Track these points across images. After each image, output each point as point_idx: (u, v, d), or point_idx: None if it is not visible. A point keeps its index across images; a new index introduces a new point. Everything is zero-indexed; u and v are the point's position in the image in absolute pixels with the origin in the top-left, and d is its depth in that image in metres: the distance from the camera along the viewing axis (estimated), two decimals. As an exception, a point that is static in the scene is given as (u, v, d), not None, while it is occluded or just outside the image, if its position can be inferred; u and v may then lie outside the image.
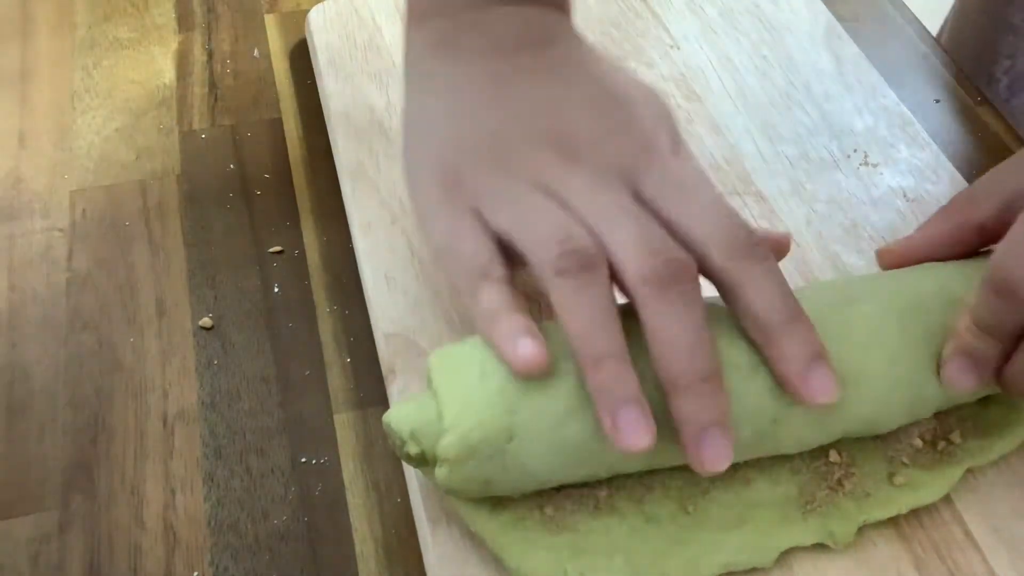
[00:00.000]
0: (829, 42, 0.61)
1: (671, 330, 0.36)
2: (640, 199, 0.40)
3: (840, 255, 0.49)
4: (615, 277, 0.38)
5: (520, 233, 0.39)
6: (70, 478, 0.45)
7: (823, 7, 0.63)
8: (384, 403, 0.45)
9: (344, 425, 0.46)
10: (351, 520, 0.43)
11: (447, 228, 0.42)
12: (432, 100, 0.46)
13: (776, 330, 0.37)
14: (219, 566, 0.42)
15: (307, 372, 0.48)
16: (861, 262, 0.49)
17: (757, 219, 0.51)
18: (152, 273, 0.52)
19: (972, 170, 0.53)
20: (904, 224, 0.51)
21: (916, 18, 0.64)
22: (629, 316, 0.37)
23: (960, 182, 0.52)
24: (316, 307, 0.51)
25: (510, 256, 0.40)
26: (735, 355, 0.38)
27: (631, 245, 0.37)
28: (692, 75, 0.59)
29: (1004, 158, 0.54)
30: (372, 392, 0.47)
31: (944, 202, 0.51)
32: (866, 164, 0.54)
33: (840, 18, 0.62)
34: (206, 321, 0.50)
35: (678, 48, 0.61)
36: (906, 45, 0.62)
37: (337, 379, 0.48)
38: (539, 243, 0.38)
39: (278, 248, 0.53)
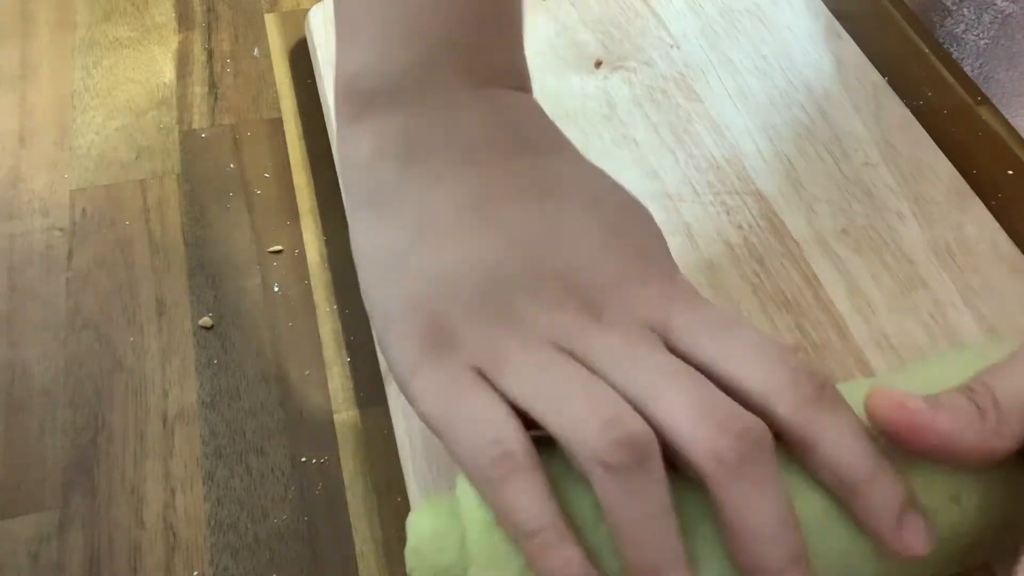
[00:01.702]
0: (829, 42, 0.61)
1: (754, 516, 0.31)
2: (675, 351, 0.34)
3: (841, 256, 0.49)
4: (670, 451, 0.32)
5: (548, 409, 0.32)
6: (70, 478, 0.45)
7: (823, 7, 0.63)
8: (384, 403, 0.45)
9: (344, 425, 0.46)
10: (351, 520, 0.43)
11: (442, 393, 0.34)
12: (396, 224, 0.38)
13: (861, 484, 0.32)
14: (219, 566, 0.42)
15: (307, 372, 0.48)
16: (861, 262, 0.49)
17: (757, 219, 0.51)
18: (152, 273, 0.52)
19: (972, 170, 0.53)
20: (904, 225, 0.51)
21: (916, 17, 0.64)
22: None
23: (960, 182, 0.52)
24: (316, 306, 0.51)
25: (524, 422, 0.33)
26: (806, 508, 0.33)
27: (692, 416, 0.31)
28: (692, 75, 0.59)
29: (1004, 158, 0.54)
30: (372, 392, 0.47)
31: (944, 203, 0.51)
32: (866, 164, 0.54)
33: (840, 18, 0.62)
34: (206, 320, 0.50)
35: (678, 48, 0.61)
36: (906, 45, 0.62)
37: (337, 379, 0.48)
38: (577, 426, 0.31)
39: (278, 248, 0.53)
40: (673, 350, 0.34)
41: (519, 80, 0.42)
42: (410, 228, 0.37)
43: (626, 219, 0.38)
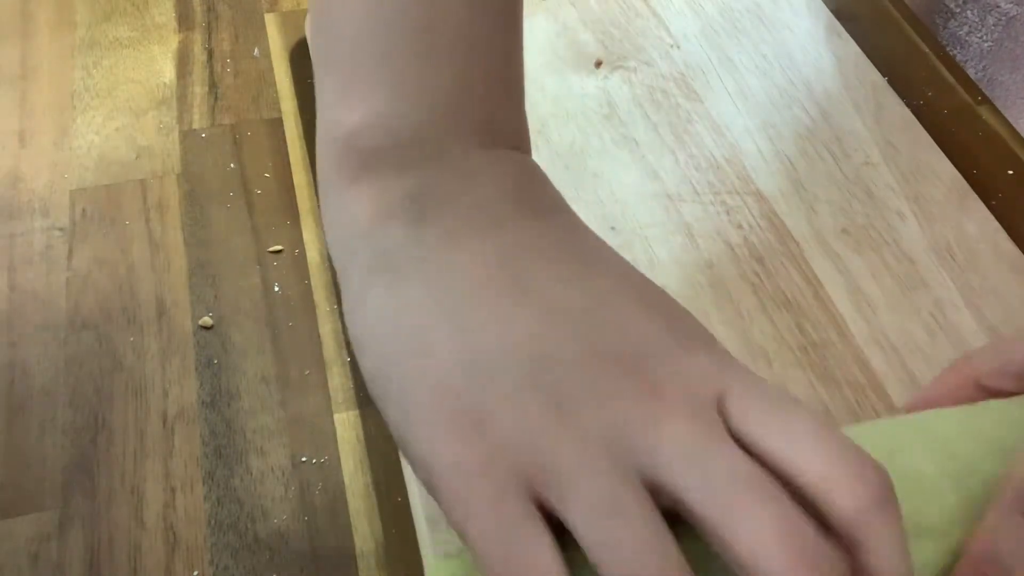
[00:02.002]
0: (829, 41, 0.61)
1: None
2: (730, 427, 0.31)
3: (841, 256, 0.49)
4: (731, 558, 0.29)
5: (603, 557, 0.29)
6: (70, 478, 0.45)
7: (823, 6, 0.63)
8: (384, 403, 0.45)
9: (344, 425, 0.46)
10: (351, 520, 0.43)
11: (483, 519, 0.29)
12: (411, 294, 0.33)
13: None
14: (219, 565, 0.42)
15: (307, 372, 0.48)
16: (861, 262, 0.49)
17: (757, 219, 0.51)
18: (152, 272, 0.52)
19: (972, 170, 0.53)
20: (904, 224, 0.51)
21: (916, 17, 0.64)
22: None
23: (960, 182, 0.52)
24: (316, 306, 0.51)
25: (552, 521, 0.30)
26: None
27: (768, 539, 0.28)
28: (692, 74, 0.59)
29: (1004, 158, 0.54)
30: (372, 392, 0.47)
31: (944, 203, 0.52)
32: (866, 164, 0.54)
33: (840, 17, 0.62)
34: (206, 320, 0.50)
35: (678, 47, 0.61)
36: (907, 45, 0.62)
37: (337, 379, 0.48)
38: None
39: (278, 247, 0.53)
40: (729, 428, 0.31)
41: (522, 141, 0.40)
42: (431, 298, 0.33)
43: (654, 288, 0.35)
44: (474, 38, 0.37)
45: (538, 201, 0.37)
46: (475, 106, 0.37)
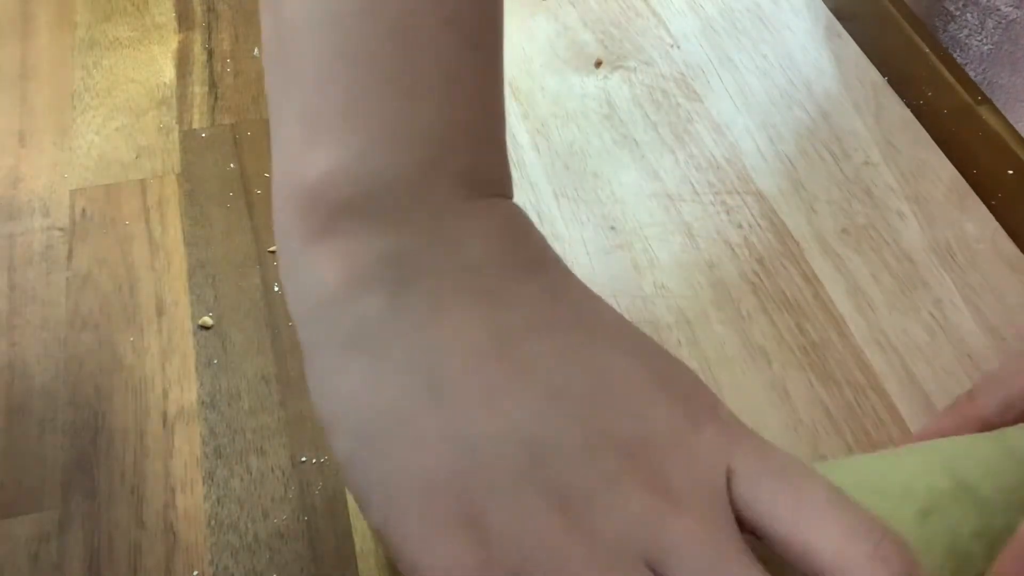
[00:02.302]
0: (829, 41, 0.61)
1: None
2: (735, 502, 0.29)
3: (841, 256, 0.49)
4: None
5: None
6: (70, 478, 0.45)
7: (823, 6, 0.63)
8: (384, 403, 0.45)
9: (344, 425, 0.46)
10: (351, 520, 0.43)
11: None
12: (391, 373, 0.30)
13: None
14: (219, 565, 0.42)
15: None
16: (861, 262, 0.49)
17: (757, 219, 0.51)
18: (152, 272, 0.52)
19: (972, 169, 0.53)
20: (904, 224, 0.51)
21: (916, 17, 0.64)
22: None
23: (960, 182, 0.52)
24: (316, 307, 0.51)
25: None
26: None
27: None
28: (692, 74, 0.59)
29: (1004, 158, 0.54)
30: (372, 392, 0.47)
31: (944, 202, 0.52)
32: (867, 163, 0.54)
33: (840, 17, 0.62)
34: (206, 320, 0.50)
35: (678, 47, 0.61)
36: (906, 44, 0.62)
37: (337, 379, 0.48)
38: None
39: (278, 248, 0.53)
40: (734, 501, 0.29)
41: (506, 187, 0.36)
42: (415, 378, 0.30)
43: (654, 352, 0.33)
44: (455, 74, 0.33)
45: (526, 256, 0.34)
46: (457, 151, 0.33)
